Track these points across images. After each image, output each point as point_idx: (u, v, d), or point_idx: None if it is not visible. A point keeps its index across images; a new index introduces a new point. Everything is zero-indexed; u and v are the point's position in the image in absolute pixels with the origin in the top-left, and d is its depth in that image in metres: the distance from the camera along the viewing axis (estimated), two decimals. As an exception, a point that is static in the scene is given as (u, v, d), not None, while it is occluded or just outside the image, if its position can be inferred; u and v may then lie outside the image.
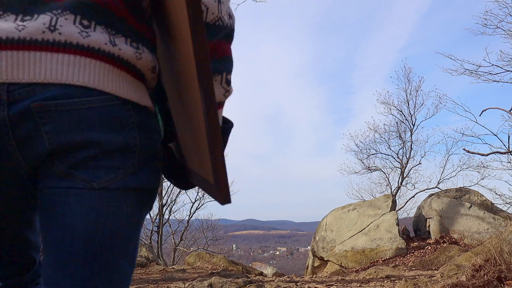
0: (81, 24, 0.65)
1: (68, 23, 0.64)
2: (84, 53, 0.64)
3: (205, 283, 3.25)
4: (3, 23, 0.63)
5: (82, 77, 0.64)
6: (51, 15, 0.64)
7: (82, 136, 0.64)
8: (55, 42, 0.63)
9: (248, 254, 65.12)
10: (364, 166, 12.26)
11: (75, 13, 0.65)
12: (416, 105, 11.70)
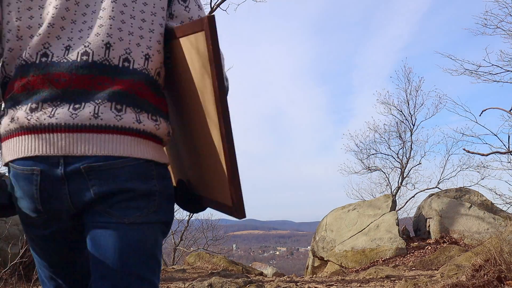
0: (115, 109, 0.91)
1: (106, 110, 0.91)
2: (119, 132, 0.92)
3: (205, 283, 3.25)
4: (60, 110, 0.90)
5: (118, 150, 0.92)
6: (94, 105, 0.90)
7: (117, 186, 0.91)
8: (98, 125, 0.90)
9: (248, 254, 65.12)
10: (364, 166, 12.27)
11: (111, 101, 0.91)
12: (416, 105, 11.71)
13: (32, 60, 0.94)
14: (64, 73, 0.93)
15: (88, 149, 0.91)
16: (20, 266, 3.80)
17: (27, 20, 0.98)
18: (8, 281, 3.79)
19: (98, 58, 0.94)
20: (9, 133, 0.94)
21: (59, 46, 0.96)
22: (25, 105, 0.92)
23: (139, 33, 0.99)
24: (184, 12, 1.06)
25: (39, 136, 0.91)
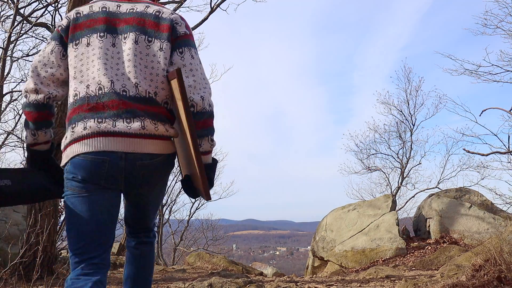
0: (153, 123, 1.56)
1: (148, 123, 1.54)
2: (156, 138, 1.57)
3: (205, 283, 3.25)
4: (119, 124, 1.51)
5: (157, 149, 1.58)
6: (140, 120, 1.54)
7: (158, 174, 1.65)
8: (145, 134, 1.54)
9: (248, 254, 65.09)
10: (364, 166, 12.26)
11: (150, 117, 1.56)
12: (416, 105, 11.70)
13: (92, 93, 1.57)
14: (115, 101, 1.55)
15: (140, 148, 1.55)
16: (20, 266, 3.80)
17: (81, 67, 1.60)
18: (8, 281, 3.79)
19: (132, 93, 1.57)
20: (83, 136, 1.54)
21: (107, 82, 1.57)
22: (93, 119, 1.53)
23: (149, 78, 1.60)
24: (180, 60, 1.63)
25: (107, 138, 1.52)
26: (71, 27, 1.64)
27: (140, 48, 1.60)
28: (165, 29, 1.63)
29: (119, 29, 1.62)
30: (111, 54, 1.59)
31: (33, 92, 1.61)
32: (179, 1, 10.23)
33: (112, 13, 1.65)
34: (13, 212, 5.66)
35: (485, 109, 6.04)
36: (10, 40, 9.52)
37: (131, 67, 1.57)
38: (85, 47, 1.60)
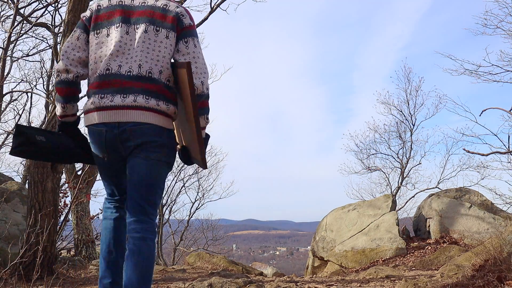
0: (145, 98, 1.88)
1: (140, 98, 1.87)
2: (146, 110, 1.88)
3: (205, 283, 3.25)
4: (115, 98, 1.87)
5: (145, 119, 1.88)
6: (133, 96, 1.87)
7: (145, 139, 1.88)
8: (136, 106, 1.87)
9: (248, 254, 65.07)
10: (364, 166, 12.27)
11: (143, 94, 1.88)
12: (416, 105, 11.70)
13: (101, 73, 1.93)
14: (117, 80, 1.90)
15: (130, 118, 1.88)
16: (20, 266, 3.80)
17: (99, 52, 1.97)
18: (8, 281, 3.79)
19: (135, 72, 1.91)
20: (90, 110, 1.93)
21: (115, 64, 1.93)
22: (97, 95, 1.91)
23: (156, 59, 1.94)
24: (185, 49, 1.96)
25: (103, 112, 1.90)
26: (93, 17, 2.02)
27: (149, 35, 1.95)
28: (170, 20, 1.97)
29: (132, 19, 1.99)
30: (124, 41, 1.95)
31: (64, 71, 2.00)
32: (179, 1, 10.23)
33: (127, 6, 2.01)
34: (13, 212, 5.66)
35: (485, 109, 6.04)
36: (10, 40, 9.52)
37: (138, 51, 1.94)
38: (105, 37, 1.98)
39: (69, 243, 8.21)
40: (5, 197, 5.52)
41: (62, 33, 5.02)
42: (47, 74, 13.43)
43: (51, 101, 4.77)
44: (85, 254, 7.93)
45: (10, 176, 7.81)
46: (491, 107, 6.06)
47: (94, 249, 8.30)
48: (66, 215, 6.01)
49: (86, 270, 5.14)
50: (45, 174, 4.29)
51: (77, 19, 4.70)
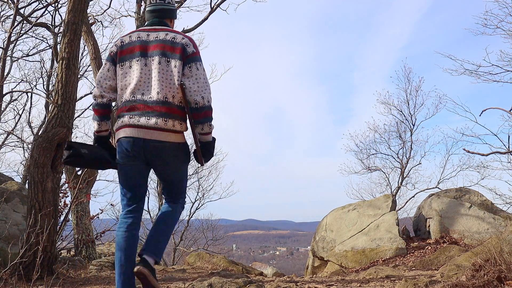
0: (164, 120, 2.46)
1: (160, 120, 2.45)
2: (165, 130, 2.47)
3: (205, 283, 3.25)
4: (142, 119, 2.46)
5: (164, 138, 2.48)
6: (155, 118, 2.45)
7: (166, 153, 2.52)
8: (157, 127, 2.45)
9: (248, 254, 65.04)
10: (364, 166, 12.24)
11: (162, 116, 2.46)
12: (416, 105, 11.67)
13: (128, 99, 2.50)
14: (141, 105, 2.46)
15: (153, 136, 2.43)
16: (20, 266, 3.80)
17: (125, 82, 2.52)
18: (8, 281, 3.78)
19: (154, 98, 2.45)
20: (121, 127, 2.50)
21: (139, 92, 2.48)
22: (127, 116, 2.47)
23: (168, 86, 2.47)
24: (189, 72, 2.49)
25: (132, 129, 2.45)
26: (118, 52, 2.58)
27: (162, 66, 2.49)
28: (178, 51, 2.50)
29: (149, 53, 2.53)
30: (144, 72, 2.51)
31: (99, 97, 2.60)
32: (179, 1, 10.23)
33: (144, 41, 2.56)
34: (13, 212, 5.65)
35: (485, 109, 6.02)
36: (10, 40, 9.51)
37: (155, 80, 2.48)
38: (128, 68, 2.55)
39: (69, 243, 8.21)
40: (5, 197, 5.52)
41: (62, 33, 5.02)
42: (47, 74, 13.43)
43: (51, 101, 4.77)
44: (85, 254, 7.92)
45: (10, 176, 7.81)
46: (491, 107, 6.05)
47: (94, 249, 8.30)
48: (66, 215, 6.01)
49: (86, 270, 5.14)
50: (45, 174, 4.29)
51: (77, 19, 4.70)
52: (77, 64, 4.78)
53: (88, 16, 8.78)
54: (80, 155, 2.60)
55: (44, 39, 12.34)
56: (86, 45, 8.37)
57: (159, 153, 2.49)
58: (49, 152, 4.34)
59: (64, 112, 4.52)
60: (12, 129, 13.79)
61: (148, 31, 2.59)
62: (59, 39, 7.53)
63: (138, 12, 9.71)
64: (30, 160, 4.68)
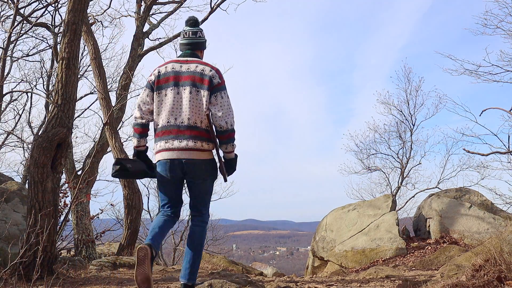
0: (194, 142, 2.93)
1: (190, 142, 2.93)
2: (195, 150, 2.94)
3: (205, 283, 3.25)
4: (175, 142, 2.95)
5: (195, 156, 2.95)
6: (186, 141, 2.93)
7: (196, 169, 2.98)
8: (188, 148, 2.93)
9: (248, 254, 65.04)
10: (364, 166, 12.24)
11: (192, 139, 2.93)
12: (416, 105, 11.67)
13: (163, 124, 2.97)
14: (175, 129, 2.94)
15: (185, 156, 2.93)
16: (20, 266, 3.80)
17: (160, 108, 2.98)
18: (8, 281, 3.78)
19: (186, 123, 2.92)
20: (159, 150, 2.99)
21: (172, 118, 2.94)
22: (164, 140, 2.96)
23: (197, 113, 2.92)
24: (214, 100, 2.93)
25: (168, 152, 2.95)
26: (156, 81, 3.00)
27: (192, 95, 2.93)
28: (206, 82, 2.93)
29: (181, 83, 2.96)
30: (177, 100, 2.96)
31: (140, 118, 3.07)
32: (179, 1, 10.23)
33: (177, 72, 2.98)
34: (13, 212, 5.65)
35: (485, 109, 6.02)
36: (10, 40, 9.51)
37: (187, 108, 2.93)
38: (164, 96, 2.98)
39: (69, 243, 8.21)
40: (5, 197, 5.52)
41: (62, 33, 5.02)
42: (47, 74, 13.43)
43: (51, 101, 4.77)
44: (85, 254, 7.92)
45: (10, 176, 7.81)
46: (491, 107, 6.05)
47: (94, 249, 8.30)
48: (66, 215, 6.01)
49: (86, 270, 5.14)
50: (45, 174, 4.29)
51: (77, 19, 4.70)
52: (77, 64, 4.78)
53: (88, 16, 8.78)
54: (126, 169, 3.12)
55: (44, 39, 12.33)
56: (86, 45, 8.36)
57: (191, 169, 2.96)
58: (49, 152, 4.33)
59: (64, 112, 4.52)
60: (12, 129, 13.79)
61: (181, 62, 3.03)
62: (59, 39, 7.53)
63: (138, 12, 9.71)
64: (30, 160, 4.68)
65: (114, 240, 11.21)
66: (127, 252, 7.19)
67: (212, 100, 2.93)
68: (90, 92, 13.60)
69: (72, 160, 9.10)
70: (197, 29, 3.21)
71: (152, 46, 10.02)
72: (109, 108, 7.92)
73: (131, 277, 4.57)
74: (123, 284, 4.08)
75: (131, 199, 7.48)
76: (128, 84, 9.09)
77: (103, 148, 8.92)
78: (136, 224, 7.57)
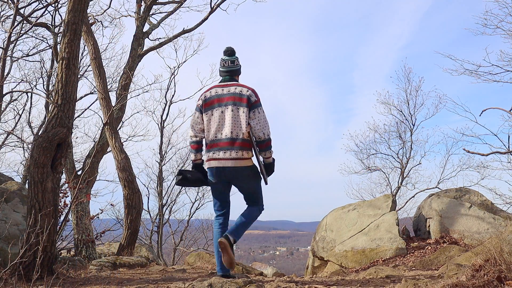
0: (236, 152, 3.55)
1: (233, 153, 3.55)
2: (238, 159, 3.55)
3: (205, 283, 3.25)
4: (220, 153, 3.58)
5: (238, 164, 3.57)
6: (230, 152, 3.56)
7: (240, 174, 3.61)
8: (232, 158, 3.55)
9: (248, 254, 64.98)
10: (364, 166, 12.24)
11: (235, 149, 3.55)
12: (416, 105, 11.67)
13: (212, 138, 3.61)
14: (220, 142, 3.57)
15: (230, 164, 3.54)
16: (20, 266, 3.80)
17: (209, 125, 3.63)
18: (8, 281, 3.78)
19: (229, 136, 3.54)
20: (208, 160, 3.63)
21: (219, 133, 3.59)
22: (212, 152, 3.60)
23: (239, 127, 3.54)
24: (253, 115, 3.57)
25: (215, 161, 3.58)
26: (203, 104, 3.64)
27: (234, 113, 3.54)
28: (244, 101, 3.54)
29: (223, 103, 3.58)
30: (221, 117, 3.58)
31: (194, 137, 3.73)
32: (179, 1, 10.23)
33: (220, 95, 3.62)
34: (13, 212, 5.65)
35: (485, 109, 6.03)
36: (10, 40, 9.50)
37: (230, 124, 3.53)
38: (211, 116, 3.61)
39: (69, 243, 8.21)
40: (5, 197, 5.52)
41: (62, 33, 5.02)
42: (47, 74, 13.43)
43: (51, 101, 4.77)
44: (85, 254, 7.92)
45: (10, 176, 7.80)
46: (491, 107, 6.05)
47: (94, 249, 8.29)
48: (66, 215, 6.01)
49: (86, 270, 5.14)
50: (45, 174, 4.29)
51: (77, 19, 4.70)
52: (77, 64, 4.78)
53: (88, 16, 8.78)
54: (186, 178, 3.78)
55: (44, 39, 12.33)
56: (86, 45, 8.36)
57: (235, 174, 3.57)
58: (49, 152, 4.33)
59: (64, 112, 4.52)
60: (12, 129, 13.79)
61: (222, 86, 3.67)
62: (59, 39, 7.53)
63: (138, 12, 9.71)
64: (30, 160, 4.68)
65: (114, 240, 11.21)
66: (127, 252, 7.19)
67: (251, 115, 3.55)
68: (90, 92, 13.62)
69: (72, 160, 9.10)
70: (234, 58, 3.79)
71: (152, 46, 10.02)
72: (109, 108, 7.92)
73: (131, 277, 4.57)
74: (123, 284, 4.08)
75: (131, 199, 7.48)
76: (128, 84, 9.09)
77: (103, 148, 8.92)
78: (136, 224, 7.57)
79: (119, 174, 7.57)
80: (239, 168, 3.53)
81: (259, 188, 3.73)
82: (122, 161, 7.53)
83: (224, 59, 3.78)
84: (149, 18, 9.97)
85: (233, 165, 3.51)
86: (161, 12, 10.74)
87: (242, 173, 3.56)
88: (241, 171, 3.55)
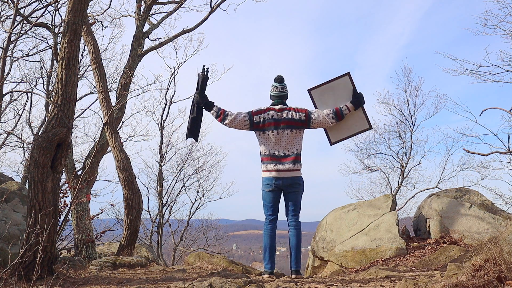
0: (292, 165, 4.59)
1: (288, 165, 4.59)
2: (293, 171, 4.61)
3: (205, 283, 3.25)
4: (279, 165, 4.60)
5: (293, 175, 4.62)
6: (286, 165, 4.59)
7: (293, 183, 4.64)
8: (288, 169, 4.59)
9: (248, 254, 64.95)
10: (364, 166, 12.26)
11: (290, 163, 4.59)
12: (416, 105, 11.68)
13: (269, 154, 4.60)
14: (278, 157, 4.58)
15: (287, 175, 4.58)
16: (20, 266, 3.80)
17: (266, 143, 4.63)
18: (8, 281, 3.78)
19: (285, 153, 4.59)
20: (267, 170, 4.62)
21: (275, 150, 4.59)
22: (270, 164, 4.58)
23: (294, 146, 4.61)
24: (313, 117, 4.74)
25: (274, 172, 4.58)
26: (260, 124, 4.57)
27: (289, 135, 4.55)
28: (299, 124, 4.60)
29: (280, 126, 4.54)
30: (278, 138, 4.55)
31: (229, 124, 4.65)
32: (179, 1, 10.23)
33: (276, 119, 4.56)
34: (13, 212, 5.65)
35: (485, 109, 6.03)
36: (10, 40, 9.50)
37: (286, 143, 4.56)
38: (267, 135, 4.57)
39: (69, 243, 8.21)
40: (5, 197, 5.52)
41: (62, 33, 5.02)
42: (47, 74, 13.42)
43: (51, 101, 4.77)
44: (85, 254, 7.93)
45: (10, 176, 7.80)
46: (491, 107, 6.05)
47: (94, 249, 8.30)
48: (66, 215, 6.00)
49: (86, 270, 5.14)
50: (45, 174, 4.29)
51: (77, 19, 4.70)
52: (77, 64, 4.78)
53: (88, 16, 8.78)
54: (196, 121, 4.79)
55: (44, 39, 12.32)
56: (86, 45, 8.36)
57: (289, 183, 4.52)
58: (49, 152, 4.33)
59: (64, 112, 4.52)
60: (12, 129, 13.79)
61: (277, 111, 4.59)
62: (59, 39, 7.53)
63: (138, 12, 9.71)
64: (30, 160, 4.68)
65: (114, 240, 11.22)
66: (127, 252, 7.19)
67: (313, 118, 4.62)
68: (90, 92, 13.60)
69: (72, 160, 9.11)
70: (283, 85, 4.69)
71: (152, 46, 10.02)
72: (109, 108, 7.92)
73: (131, 277, 4.57)
74: (123, 284, 4.08)
75: (131, 199, 7.48)
76: (128, 84, 9.09)
77: (103, 148, 8.92)
78: (136, 224, 7.57)
79: (119, 174, 7.57)
80: (294, 178, 4.51)
81: (301, 201, 4.70)
82: (122, 161, 7.53)
83: (275, 85, 4.66)
84: (149, 18, 9.97)
85: (289, 176, 4.49)
86: (161, 12, 10.74)
87: (295, 182, 4.53)
88: (295, 180, 4.52)
